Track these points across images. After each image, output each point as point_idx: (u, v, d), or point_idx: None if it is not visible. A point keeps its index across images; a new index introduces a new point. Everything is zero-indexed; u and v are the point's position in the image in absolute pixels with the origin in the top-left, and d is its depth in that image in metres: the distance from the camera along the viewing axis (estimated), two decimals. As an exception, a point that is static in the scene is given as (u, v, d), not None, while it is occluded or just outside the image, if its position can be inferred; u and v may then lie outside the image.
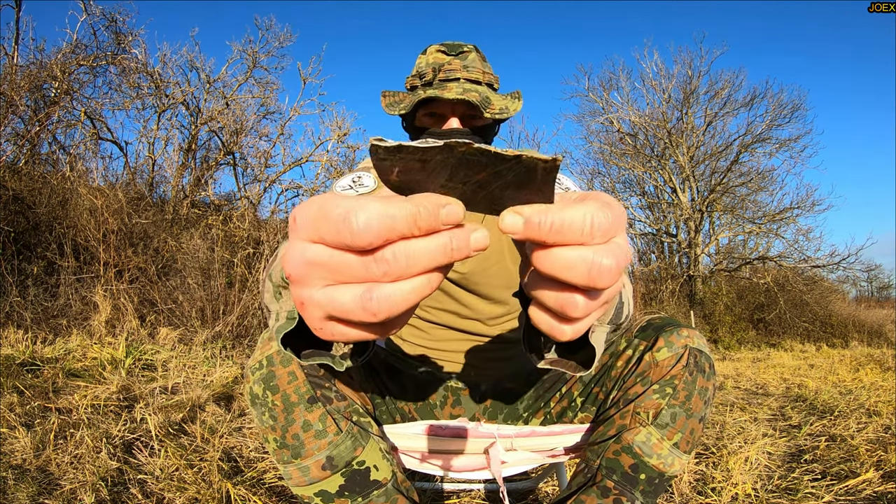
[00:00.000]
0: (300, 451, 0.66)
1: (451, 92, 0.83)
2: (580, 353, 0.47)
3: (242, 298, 4.03)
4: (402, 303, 0.26)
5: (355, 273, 0.26)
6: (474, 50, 0.93)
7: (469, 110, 0.87)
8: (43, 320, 3.48)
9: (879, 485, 1.47)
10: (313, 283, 0.27)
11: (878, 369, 4.45)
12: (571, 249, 0.27)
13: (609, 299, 0.30)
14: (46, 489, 1.29)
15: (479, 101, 0.83)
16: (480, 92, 0.86)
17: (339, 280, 0.26)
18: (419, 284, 0.26)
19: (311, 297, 0.27)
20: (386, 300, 0.25)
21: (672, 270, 11.73)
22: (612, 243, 0.27)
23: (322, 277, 0.27)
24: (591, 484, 0.74)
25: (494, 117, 0.86)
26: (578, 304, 0.28)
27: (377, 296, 0.25)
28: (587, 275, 0.26)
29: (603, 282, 0.27)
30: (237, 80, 7.87)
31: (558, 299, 0.28)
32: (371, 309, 0.25)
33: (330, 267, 0.26)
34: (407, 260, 0.25)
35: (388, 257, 0.25)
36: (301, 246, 0.27)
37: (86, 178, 5.42)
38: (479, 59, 0.93)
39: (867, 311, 11.37)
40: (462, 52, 0.91)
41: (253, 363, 0.68)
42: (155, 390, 2.23)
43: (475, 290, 0.93)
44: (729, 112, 12.34)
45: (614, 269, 0.26)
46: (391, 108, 0.91)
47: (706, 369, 0.72)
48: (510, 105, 0.90)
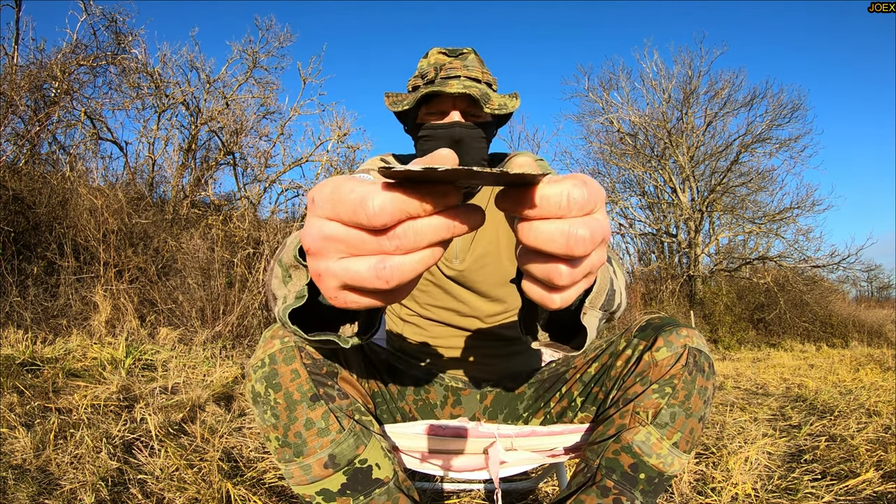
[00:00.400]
0: (302, 450, 0.66)
1: (453, 87, 0.85)
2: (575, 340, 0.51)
3: (242, 298, 4.03)
4: (410, 272, 0.30)
5: (369, 247, 0.30)
6: (473, 52, 0.96)
7: (470, 106, 0.89)
8: (43, 320, 3.48)
9: (879, 485, 1.47)
10: (330, 255, 0.31)
11: (878, 369, 4.45)
12: (550, 223, 0.30)
13: (592, 270, 0.34)
14: (46, 489, 1.29)
15: (480, 95, 0.85)
16: (480, 88, 0.88)
17: (355, 253, 0.30)
18: (426, 255, 0.30)
19: (328, 268, 0.31)
20: (398, 269, 0.29)
21: (672, 270, 11.73)
22: (589, 217, 0.31)
23: (338, 251, 0.30)
24: (591, 483, 0.74)
25: (494, 113, 0.88)
26: (563, 272, 0.32)
27: (390, 265, 0.29)
28: (565, 244, 0.30)
29: (579, 250, 0.30)
30: (237, 80, 7.87)
31: (545, 269, 0.32)
32: (385, 276, 0.29)
33: (347, 242, 0.30)
34: (416, 235, 0.29)
35: (399, 233, 0.29)
36: (319, 222, 0.31)
37: (86, 178, 5.41)
38: (478, 61, 0.95)
39: (867, 311, 11.37)
40: (462, 53, 0.94)
41: (255, 362, 0.68)
42: (155, 390, 2.24)
43: (473, 287, 0.94)
44: (729, 112, 12.35)
45: (588, 239, 0.30)
46: (394, 106, 0.94)
47: (705, 369, 0.72)
48: (508, 102, 0.92)
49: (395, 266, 0.29)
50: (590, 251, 0.31)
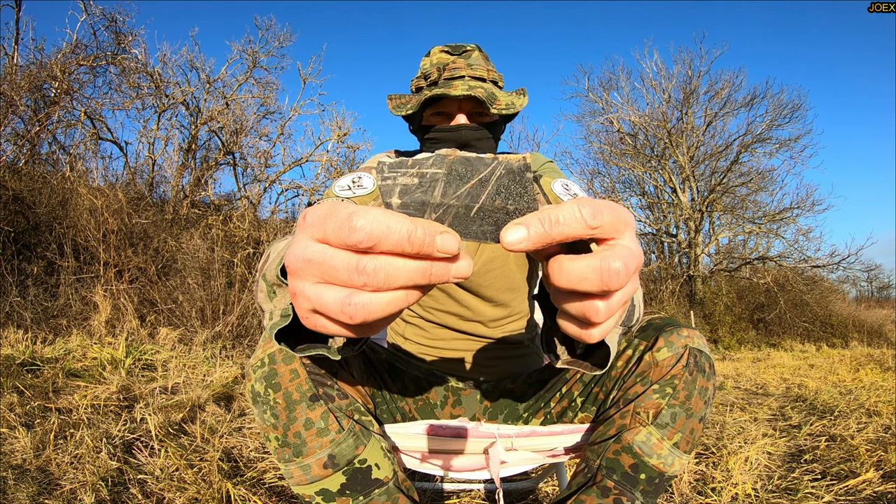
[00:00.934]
0: (302, 450, 0.65)
1: (458, 89, 0.83)
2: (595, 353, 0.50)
3: (242, 298, 4.03)
4: (377, 311, 0.29)
5: (340, 277, 0.29)
6: (477, 49, 0.93)
7: (476, 107, 0.88)
8: (43, 320, 3.48)
9: (879, 485, 1.47)
10: (306, 277, 0.30)
11: (878, 369, 4.45)
12: (581, 261, 0.30)
13: (627, 298, 0.33)
14: (46, 489, 1.29)
15: (486, 96, 0.83)
16: (486, 88, 0.86)
17: (327, 280, 0.30)
18: (396, 298, 0.29)
19: (303, 290, 0.31)
20: (363, 307, 0.28)
21: (672, 270, 11.73)
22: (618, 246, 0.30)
23: (314, 274, 0.30)
24: (592, 484, 0.73)
25: (501, 112, 0.86)
26: (600, 309, 0.31)
27: (355, 301, 0.28)
28: (600, 281, 0.29)
29: (615, 284, 0.29)
30: (237, 80, 7.87)
31: (581, 308, 0.31)
32: (348, 312, 0.29)
33: (322, 267, 0.29)
34: (386, 276, 0.28)
35: (369, 270, 0.28)
36: (304, 243, 0.30)
37: (86, 178, 5.41)
38: (483, 58, 0.93)
39: (867, 311, 11.37)
40: (465, 51, 0.92)
41: (254, 361, 0.68)
42: (155, 390, 2.23)
43: (477, 293, 0.93)
44: (729, 112, 12.35)
45: (623, 272, 0.29)
46: (398, 110, 0.92)
47: (706, 369, 0.72)
48: (516, 101, 0.90)
49: (361, 304, 0.28)
50: (625, 283, 0.30)
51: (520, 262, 0.95)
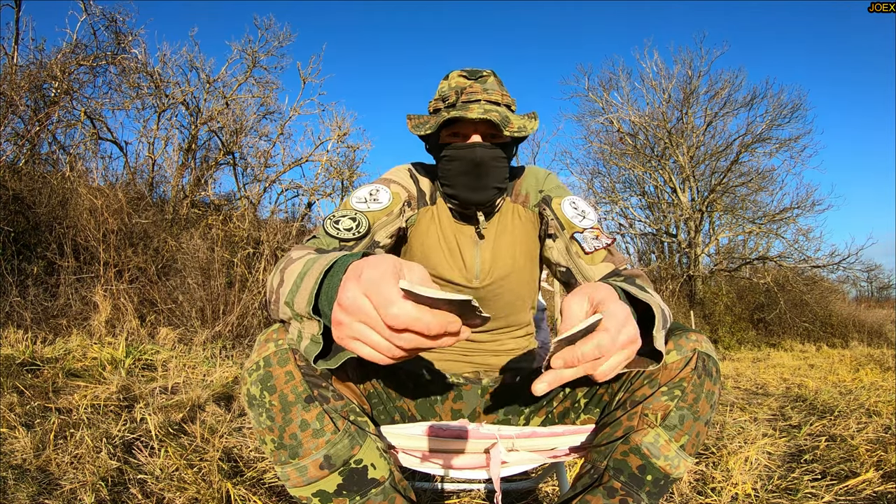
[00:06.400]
0: (298, 451, 0.65)
1: (474, 112, 0.88)
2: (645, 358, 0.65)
3: (242, 298, 4.03)
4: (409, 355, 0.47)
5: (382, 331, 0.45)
6: (492, 74, 0.98)
7: (490, 129, 0.92)
8: (43, 320, 3.48)
9: (879, 485, 1.47)
10: (354, 316, 0.46)
11: (878, 369, 4.45)
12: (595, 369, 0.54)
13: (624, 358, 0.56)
14: (46, 489, 1.29)
15: (500, 120, 0.88)
16: (500, 112, 0.90)
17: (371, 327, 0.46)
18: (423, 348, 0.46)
19: (350, 324, 0.47)
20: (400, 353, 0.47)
21: (672, 270, 11.72)
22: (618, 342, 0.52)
23: (360, 319, 0.46)
24: (598, 484, 0.73)
25: (513, 135, 0.90)
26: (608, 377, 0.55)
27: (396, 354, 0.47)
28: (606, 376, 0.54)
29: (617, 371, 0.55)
30: (237, 79, 7.86)
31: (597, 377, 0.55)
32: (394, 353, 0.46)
33: (369, 319, 0.45)
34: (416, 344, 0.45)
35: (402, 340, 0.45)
36: (356, 293, 0.46)
37: (86, 178, 5.40)
38: (497, 83, 0.97)
39: (867, 311, 11.37)
40: (482, 76, 0.96)
41: (250, 365, 0.68)
42: (155, 390, 2.23)
43: (486, 307, 0.97)
44: (729, 112, 12.34)
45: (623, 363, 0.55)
46: (417, 129, 0.96)
47: (713, 373, 0.73)
48: (527, 124, 0.93)
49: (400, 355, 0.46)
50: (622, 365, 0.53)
51: (529, 279, 1.01)
